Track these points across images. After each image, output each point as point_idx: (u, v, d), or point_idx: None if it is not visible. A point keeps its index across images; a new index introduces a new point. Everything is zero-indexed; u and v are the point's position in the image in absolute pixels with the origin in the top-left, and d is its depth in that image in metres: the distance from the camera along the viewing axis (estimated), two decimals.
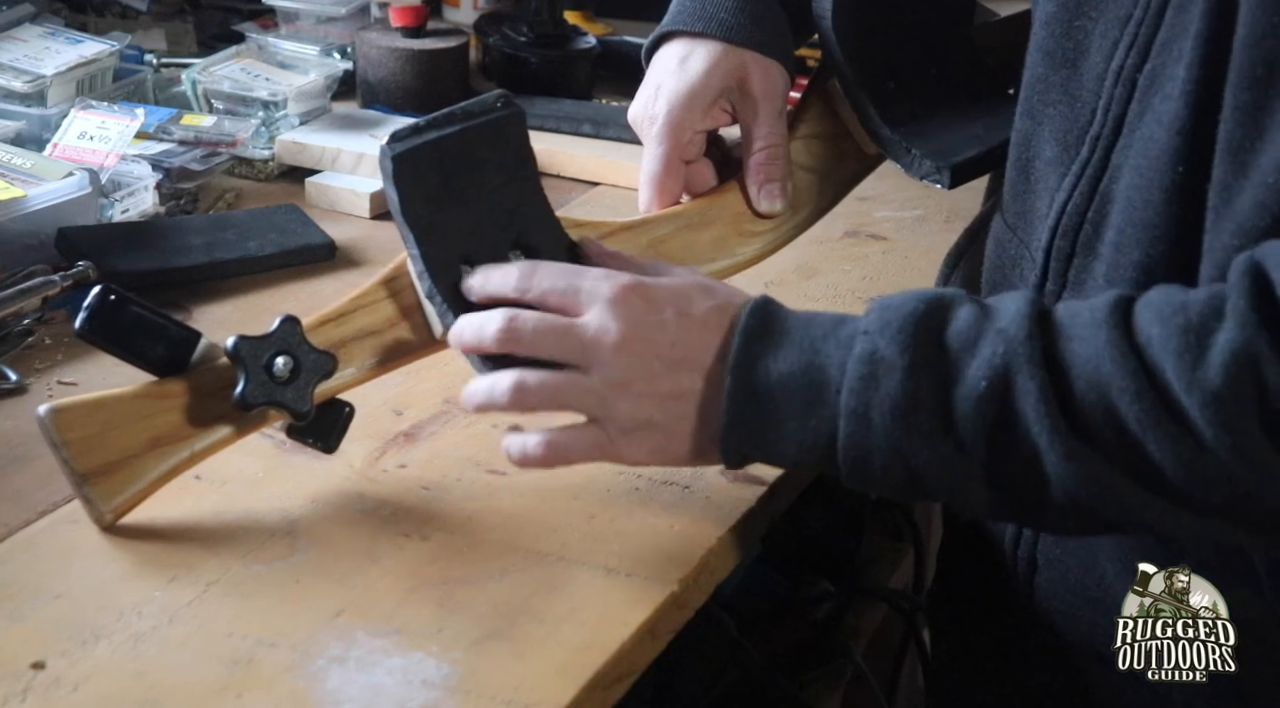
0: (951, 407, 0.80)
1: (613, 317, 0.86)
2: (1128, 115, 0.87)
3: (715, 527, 0.93)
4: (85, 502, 0.87)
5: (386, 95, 1.59)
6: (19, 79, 1.41)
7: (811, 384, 0.83)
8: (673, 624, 0.88)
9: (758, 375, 0.84)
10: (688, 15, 1.06)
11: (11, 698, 0.75)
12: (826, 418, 0.82)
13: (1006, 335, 0.79)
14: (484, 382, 0.88)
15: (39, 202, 1.21)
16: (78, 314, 0.86)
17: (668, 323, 0.86)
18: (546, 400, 0.87)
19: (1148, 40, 0.86)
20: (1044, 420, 0.77)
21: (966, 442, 0.80)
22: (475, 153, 0.92)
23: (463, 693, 0.78)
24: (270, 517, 0.91)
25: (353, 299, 0.93)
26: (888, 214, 1.36)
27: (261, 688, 0.77)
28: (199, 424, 0.88)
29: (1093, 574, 0.93)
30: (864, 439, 0.82)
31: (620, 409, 0.86)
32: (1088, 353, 0.77)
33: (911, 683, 1.68)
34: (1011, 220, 0.99)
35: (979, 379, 0.79)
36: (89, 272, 1.16)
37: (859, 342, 0.82)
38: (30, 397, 1.05)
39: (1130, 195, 0.86)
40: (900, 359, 0.80)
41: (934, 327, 0.81)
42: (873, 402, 0.81)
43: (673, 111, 1.03)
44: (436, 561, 0.89)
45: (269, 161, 1.46)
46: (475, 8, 1.85)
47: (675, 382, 0.86)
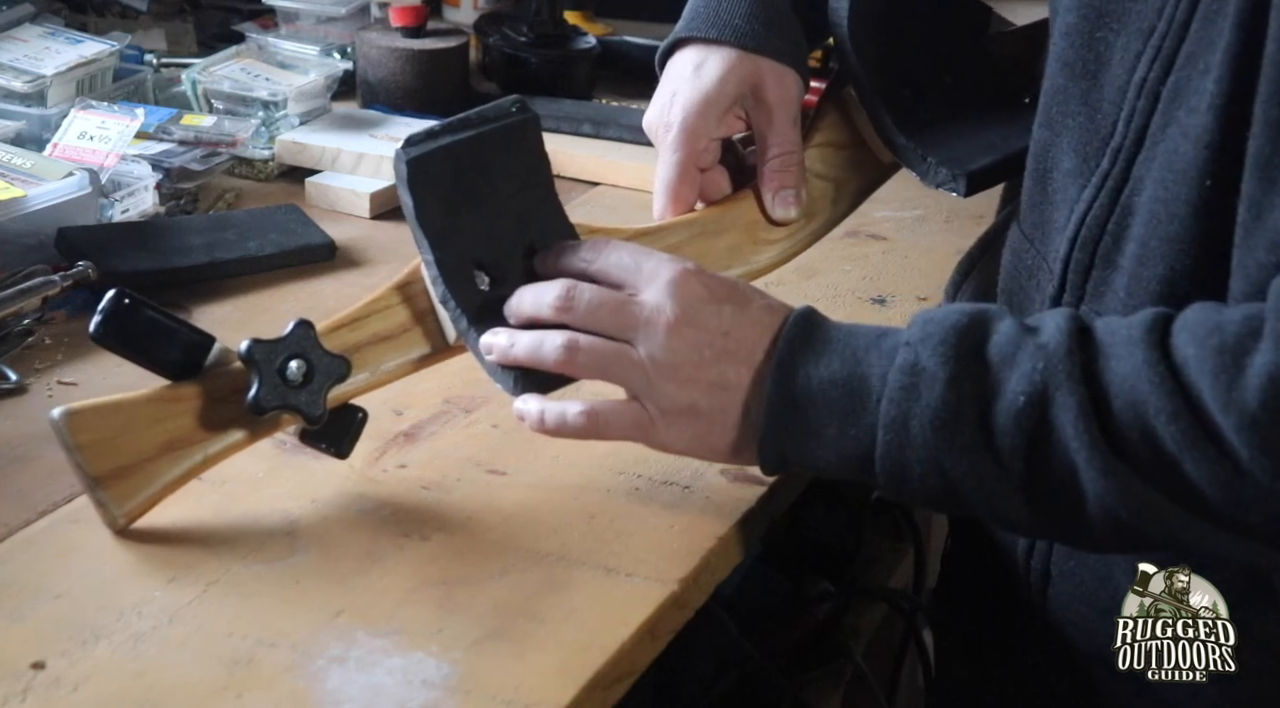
0: (991, 420, 0.80)
1: (671, 297, 0.87)
2: (1150, 128, 0.86)
3: (715, 527, 0.93)
4: (99, 505, 0.87)
5: (386, 95, 1.59)
6: (19, 79, 1.41)
7: (853, 393, 0.83)
8: (673, 624, 0.88)
9: (799, 382, 0.84)
10: (701, 22, 1.05)
11: (11, 698, 0.75)
12: (866, 427, 0.83)
13: (1046, 351, 0.79)
14: (534, 336, 0.89)
15: (39, 202, 1.21)
16: (89, 317, 0.87)
17: (723, 313, 0.87)
18: (594, 366, 0.88)
19: (1171, 53, 0.85)
20: (1082, 437, 0.77)
21: (1004, 456, 0.80)
22: (490, 158, 0.92)
23: (463, 693, 0.78)
24: (270, 517, 0.91)
25: (366, 304, 0.93)
26: (888, 214, 1.36)
27: (261, 688, 0.77)
28: (212, 428, 0.88)
29: (1107, 587, 0.93)
30: (902, 450, 0.82)
31: (665, 390, 0.87)
32: (1125, 371, 0.77)
33: (911, 683, 1.68)
34: (1029, 230, 0.98)
35: (1018, 394, 0.79)
36: (89, 272, 1.16)
37: (901, 353, 0.82)
38: (30, 397, 1.05)
39: (1154, 208, 0.85)
40: (941, 371, 0.81)
41: (976, 340, 0.82)
42: (912, 412, 0.81)
43: (688, 118, 1.03)
44: (436, 561, 0.89)
45: (269, 161, 1.46)
46: (475, 8, 1.85)
47: (722, 372, 0.86)
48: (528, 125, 0.94)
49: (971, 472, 0.81)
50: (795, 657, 1.50)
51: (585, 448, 1.01)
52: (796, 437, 0.85)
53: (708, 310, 0.87)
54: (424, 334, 0.94)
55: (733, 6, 1.05)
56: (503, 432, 1.03)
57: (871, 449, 0.83)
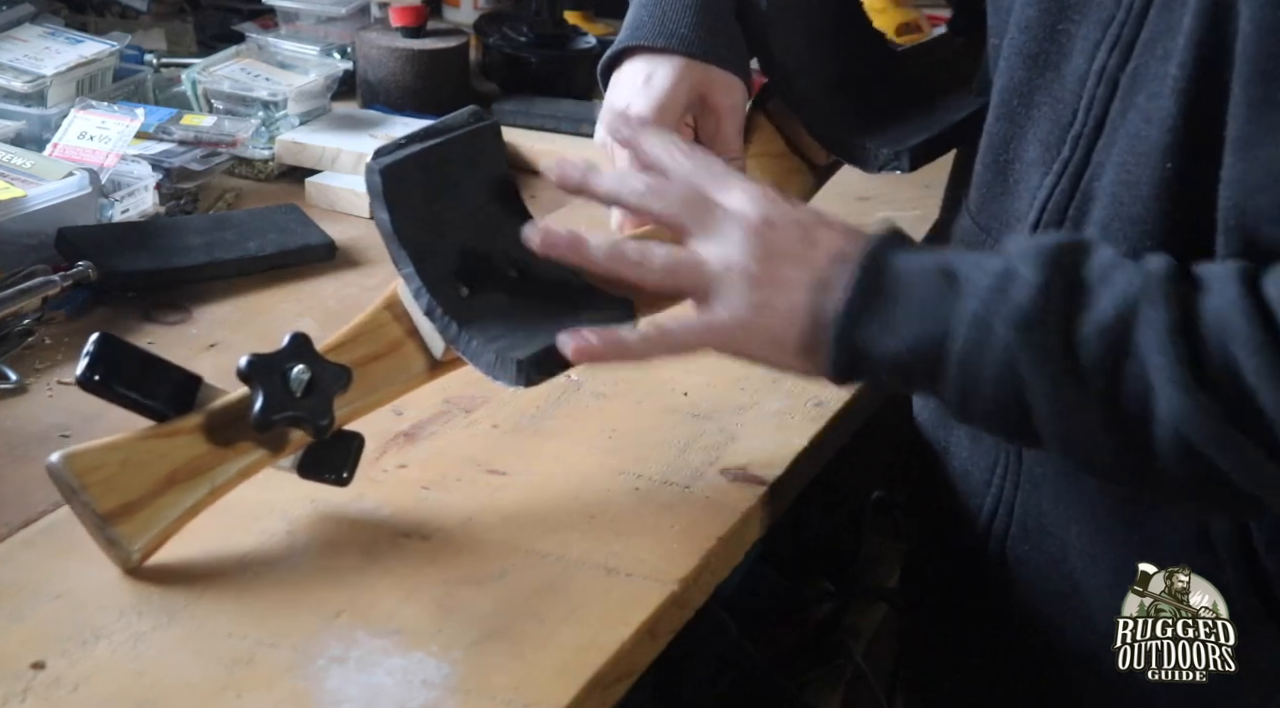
0: (1075, 331, 0.79)
1: (751, 201, 0.86)
2: (1110, 114, 0.88)
3: (715, 527, 0.93)
4: (109, 545, 0.84)
5: (386, 95, 1.60)
6: (19, 79, 1.41)
7: (939, 288, 0.82)
8: (673, 624, 0.88)
9: (888, 270, 0.83)
10: (648, 31, 1.05)
11: (11, 698, 0.75)
12: (947, 321, 0.81)
13: (1144, 273, 0.80)
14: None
15: (39, 202, 1.21)
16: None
17: (802, 220, 0.87)
18: (671, 256, 0.86)
19: (1130, 40, 0.87)
20: (1167, 352, 0.77)
21: (1084, 368, 0.79)
22: (458, 165, 0.92)
23: (463, 693, 0.78)
24: (270, 517, 0.91)
25: (356, 325, 0.92)
26: (888, 214, 1.36)
27: (261, 688, 0.77)
28: (216, 459, 0.86)
29: (1061, 570, 0.94)
30: (980, 350, 0.80)
31: (739, 288, 0.85)
32: (1217, 304, 0.78)
33: None
34: (984, 221, 0.99)
35: (1108, 308, 0.79)
36: (89, 272, 1.16)
37: (996, 260, 0.82)
38: (30, 396, 1.05)
39: (1116, 191, 0.87)
40: (1035, 277, 0.80)
41: (1075, 258, 0.81)
42: (998, 311, 0.80)
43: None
44: (436, 561, 0.89)
45: (269, 161, 1.46)
46: (475, 8, 1.85)
47: (796, 270, 0.85)
48: (489, 132, 0.94)
49: (1047, 380, 0.79)
50: (795, 657, 1.50)
51: (585, 448, 1.01)
52: (873, 325, 0.83)
53: (788, 215, 0.87)
54: (414, 352, 0.93)
55: (678, 16, 1.05)
56: (503, 432, 1.03)
57: (948, 345, 0.81)
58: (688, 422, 1.04)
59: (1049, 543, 0.95)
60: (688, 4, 1.05)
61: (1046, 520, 0.96)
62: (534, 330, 0.89)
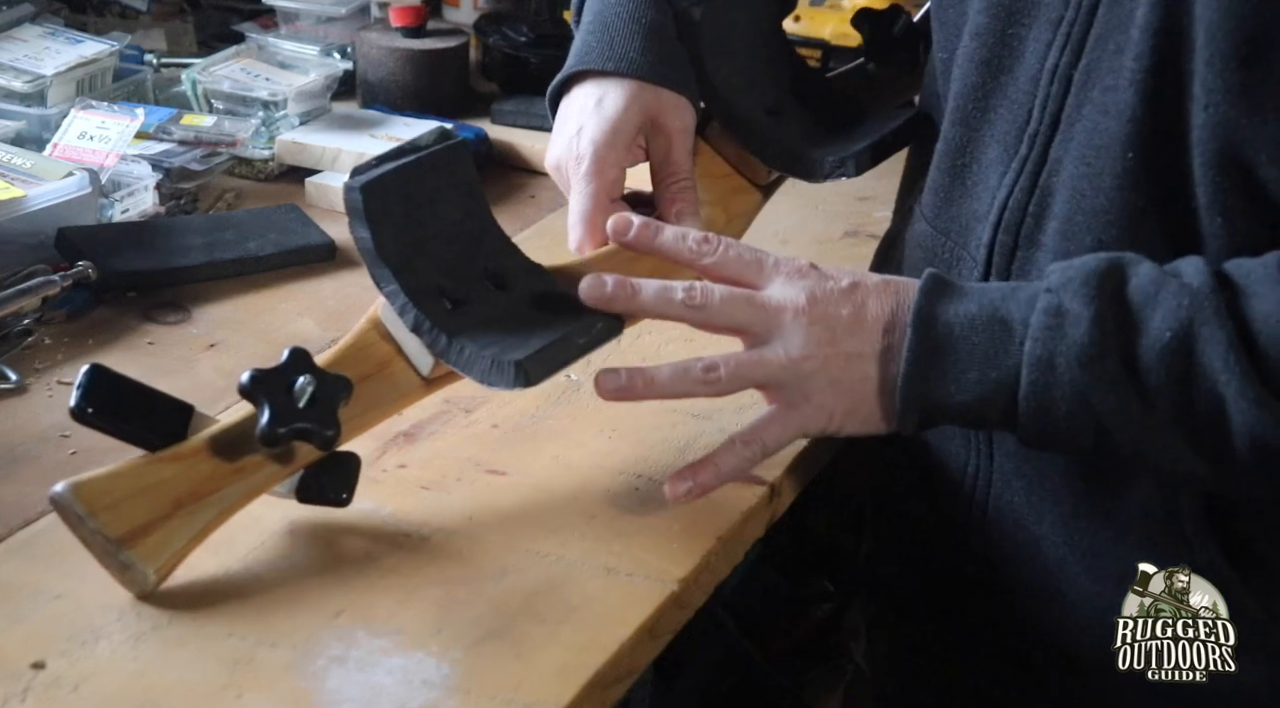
0: (1136, 356, 0.82)
1: (794, 286, 0.90)
2: (1065, 110, 0.91)
3: (715, 527, 0.93)
4: (123, 570, 0.82)
5: (386, 95, 1.59)
6: (19, 79, 1.41)
7: (995, 335, 0.85)
8: (673, 624, 0.88)
9: (940, 327, 0.86)
10: (596, 56, 1.06)
11: (11, 698, 0.75)
12: (1009, 368, 0.85)
13: (1190, 289, 0.82)
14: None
15: (39, 202, 1.21)
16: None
17: (845, 291, 0.90)
18: (735, 365, 0.89)
19: (1081, 38, 0.90)
20: (1233, 368, 0.80)
21: (1150, 392, 0.82)
22: (433, 182, 0.93)
23: (463, 693, 0.78)
24: (270, 517, 0.91)
25: (344, 346, 0.91)
26: (887, 214, 1.35)
27: (261, 688, 0.77)
28: (223, 480, 0.85)
29: (1036, 562, 0.96)
30: (1049, 389, 0.84)
31: (806, 371, 0.89)
32: (1266, 309, 0.80)
33: None
34: (942, 225, 1.01)
35: (1163, 330, 0.81)
36: (89, 272, 1.16)
37: (1042, 298, 0.85)
38: (30, 396, 1.05)
39: (1077, 185, 0.89)
40: (1085, 310, 0.83)
41: (1116, 282, 0.84)
42: (1058, 350, 0.83)
43: (598, 150, 1.04)
44: (436, 561, 0.89)
45: (269, 161, 1.46)
46: (475, 8, 1.85)
47: (858, 343, 0.89)
48: (459, 149, 0.95)
49: (1120, 407, 0.82)
50: (795, 657, 1.50)
51: (585, 448, 1.01)
52: (938, 383, 0.86)
53: (831, 291, 0.90)
54: (403, 370, 0.92)
55: (625, 40, 1.06)
56: (503, 432, 1.03)
57: (1015, 390, 0.85)
58: (688, 422, 1.04)
59: (1024, 536, 0.97)
60: (635, 30, 1.06)
61: (1020, 515, 0.97)
62: (525, 336, 0.90)
